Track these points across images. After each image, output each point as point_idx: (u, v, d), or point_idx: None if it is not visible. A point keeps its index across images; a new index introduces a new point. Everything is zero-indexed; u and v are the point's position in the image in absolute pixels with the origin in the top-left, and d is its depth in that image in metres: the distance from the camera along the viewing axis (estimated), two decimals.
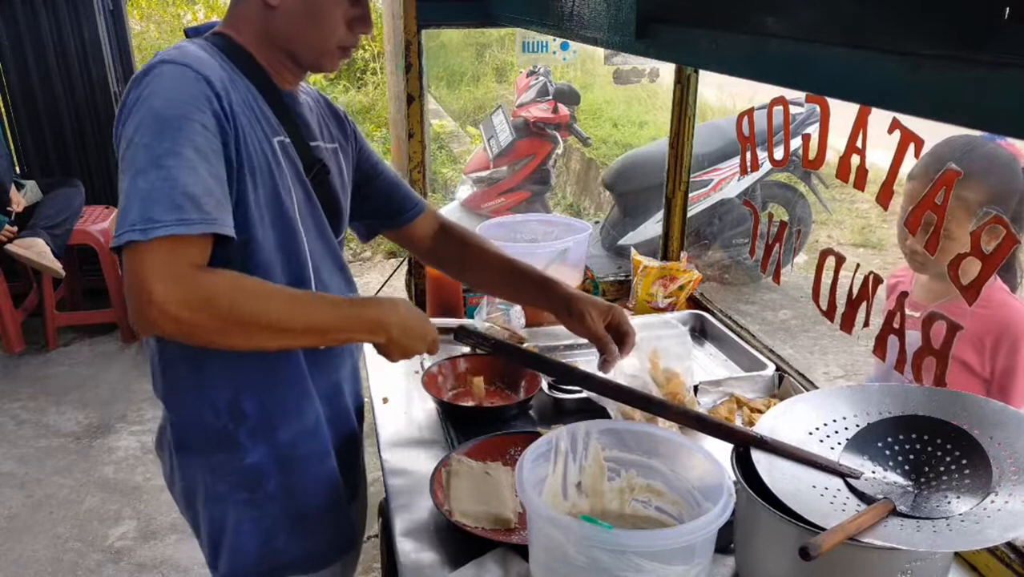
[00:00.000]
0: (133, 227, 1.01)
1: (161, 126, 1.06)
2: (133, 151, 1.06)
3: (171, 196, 1.03)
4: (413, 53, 1.83)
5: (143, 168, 1.04)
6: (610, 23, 1.11)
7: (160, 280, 1.02)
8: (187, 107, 1.08)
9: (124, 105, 1.11)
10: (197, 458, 1.31)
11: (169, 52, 1.15)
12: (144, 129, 1.07)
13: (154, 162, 1.04)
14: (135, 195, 1.03)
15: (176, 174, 1.04)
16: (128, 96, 1.11)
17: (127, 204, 1.03)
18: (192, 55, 1.14)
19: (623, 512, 1.17)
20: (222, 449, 1.29)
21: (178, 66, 1.11)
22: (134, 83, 1.12)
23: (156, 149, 1.05)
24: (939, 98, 0.59)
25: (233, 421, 1.27)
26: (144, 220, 1.02)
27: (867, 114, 1.10)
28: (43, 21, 4.34)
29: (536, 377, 1.62)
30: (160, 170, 1.04)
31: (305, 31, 1.22)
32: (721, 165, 4.61)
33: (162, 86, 1.09)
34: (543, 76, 5.42)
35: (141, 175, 1.04)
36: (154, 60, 1.13)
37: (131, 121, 1.08)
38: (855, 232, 5.83)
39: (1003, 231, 0.99)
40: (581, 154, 6.81)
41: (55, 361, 4.21)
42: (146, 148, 1.05)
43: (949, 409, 1.08)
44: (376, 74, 9.39)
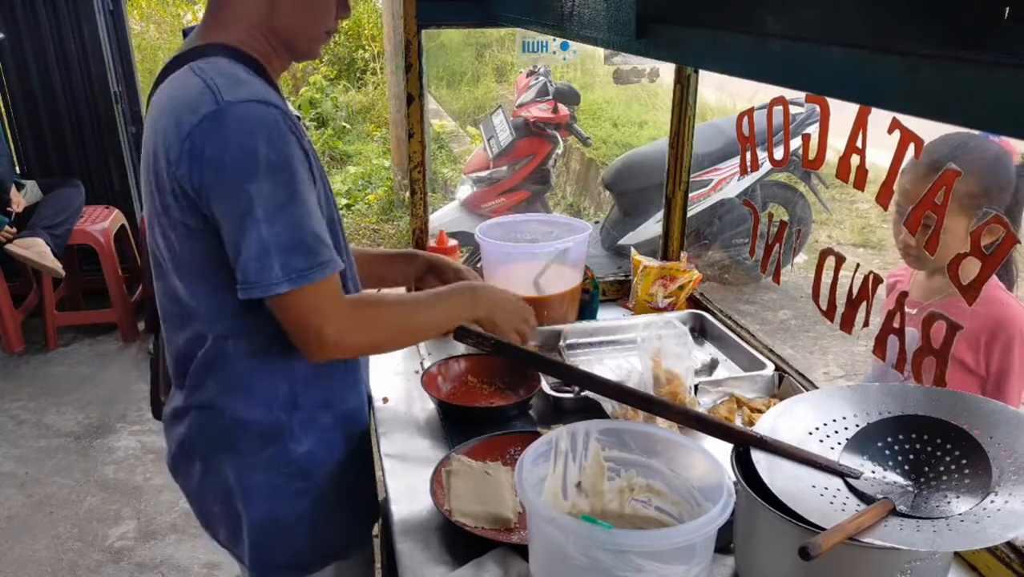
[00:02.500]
0: (280, 279, 1.12)
1: (273, 172, 1.11)
2: (248, 200, 1.10)
3: (305, 242, 1.14)
4: (413, 53, 1.83)
5: (268, 217, 1.11)
6: (610, 23, 1.11)
7: (327, 322, 1.17)
8: (287, 148, 1.13)
9: (202, 149, 1.11)
10: (246, 456, 1.32)
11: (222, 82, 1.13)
12: (256, 176, 1.10)
13: (278, 209, 1.11)
14: (270, 245, 1.11)
15: (301, 219, 1.14)
16: (207, 140, 1.10)
17: (262, 254, 1.11)
18: (249, 84, 1.16)
19: (623, 512, 1.17)
20: (274, 443, 1.32)
21: (257, 104, 1.13)
22: (212, 126, 1.10)
23: (277, 196, 1.11)
24: (939, 98, 0.59)
25: (286, 413, 1.31)
26: (288, 270, 1.12)
27: (867, 114, 1.10)
28: (43, 21, 4.34)
29: (536, 377, 1.61)
30: (286, 217, 1.12)
31: (305, 19, 1.26)
32: (721, 165, 4.61)
33: (255, 129, 1.11)
34: (543, 76, 5.42)
35: (267, 224, 1.11)
36: (221, 99, 1.11)
37: (232, 168, 1.10)
38: (855, 232, 5.83)
39: (1002, 231, 0.99)
40: (581, 154, 6.81)
41: (55, 361, 4.21)
42: (265, 196, 1.11)
43: (949, 409, 1.08)
44: (376, 74, 9.39)
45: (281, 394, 1.30)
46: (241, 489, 1.33)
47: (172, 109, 1.15)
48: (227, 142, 1.11)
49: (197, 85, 1.14)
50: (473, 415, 1.57)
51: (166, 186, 1.16)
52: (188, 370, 1.31)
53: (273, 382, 1.30)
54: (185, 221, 1.17)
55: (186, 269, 1.22)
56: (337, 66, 9.65)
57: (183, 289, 1.24)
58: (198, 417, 1.33)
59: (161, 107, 1.18)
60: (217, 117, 1.11)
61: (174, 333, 1.31)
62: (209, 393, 1.30)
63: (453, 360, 1.71)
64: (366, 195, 6.67)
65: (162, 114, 1.16)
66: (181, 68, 1.20)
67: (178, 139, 1.12)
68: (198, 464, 1.36)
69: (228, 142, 1.11)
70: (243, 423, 1.30)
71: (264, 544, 1.37)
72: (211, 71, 1.16)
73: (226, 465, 1.33)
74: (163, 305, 1.31)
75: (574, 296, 1.96)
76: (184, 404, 1.33)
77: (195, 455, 1.36)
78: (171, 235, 1.20)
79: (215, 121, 1.11)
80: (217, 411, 1.30)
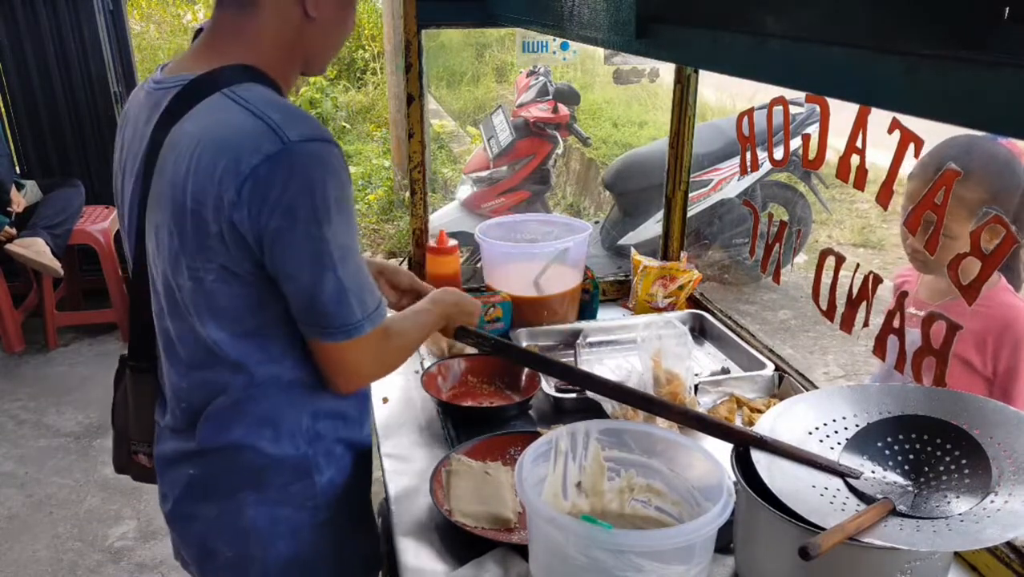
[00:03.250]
0: (361, 320, 1.14)
1: (341, 213, 1.10)
2: (323, 243, 1.08)
3: (368, 285, 1.16)
4: (413, 53, 1.83)
5: (342, 258, 1.11)
6: (610, 23, 1.11)
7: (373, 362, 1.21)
8: (348, 186, 1.12)
9: (267, 192, 1.05)
10: (272, 493, 1.26)
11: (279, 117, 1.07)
12: (329, 220, 1.08)
13: (348, 250, 1.12)
14: (347, 286, 1.12)
15: (361, 263, 1.16)
16: (273, 183, 1.05)
17: (340, 296, 1.11)
18: (305, 118, 1.11)
19: (623, 512, 1.17)
20: (302, 477, 1.27)
21: (321, 143, 1.08)
22: (277, 169, 1.04)
23: (346, 237, 1.11)
24: (939, 98, 0.59)
25: (311, 446, 1.27)
26: (364, 310, 1.14)
27: (867, 114, 1.10)
28: (43, 21, 4.34)
29: (536, 377, 1.61)
30: (352, 260, 1.13)
31: (333, 38, 1.24)
32: (721, 165, 4.61)
33: (323, 170, 1.07)
34: (543, 76, 5.42)
35: (341, 266, 1.11)
36: (285, 138, 1.05)
37: (304, 213, 1.06)
38: (855, 232, 5.83)
39: (1003, 231, 0.99)
40: (581, 154, 6.81)
41: (55, 361, 4.21)
42: (338, 238, 1.10)
43: (949, 409, 1.08)
44: (376, 74, 9.39)
45: (304, 427, 1.26)
46: (265, 528, 1.27)
47: (221, 145, 1.06)
48: (296, 186, 1.05)
49: (249, 120, 1.06)
50: (473, 415, 1.57)
51: (209, 228, 1.08)
52: (204, 412, 1.23)
53: (298, 416, 1.25)
54: (228, 264, 1.10)
55: (220, 313, 1.15)
56: (337, 66, 9.64)
57: (212, 333, 1.16)
58: (218, 457, 1.25)
59: (199, 139, 1.08)
60: (282, 159, 1.04)
61: (187, 375, 1.23)
62: (234, 433, 1.23)
63: (453, 360, 1.71)
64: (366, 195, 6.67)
65: (204, 150, 1.07)
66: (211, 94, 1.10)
67: (235, 180, 1.04)
68: (213, 506, 1.28)
69: (297, 186, 1.05)
70: (271, 459, 1.24)
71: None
72: (258, 102, 1.08)
73: (248, 504, 1.26)
74: (178, 347, 1.21)
75: (574, 296, 1.96)
76: (199, 446, 1.24)
77: (211, 496, 1.28)
78: (205, 277, 1.12)
79: (280, 163, 1.04)
80: (242, 449, 1.23)
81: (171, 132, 1.11)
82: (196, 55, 1.17)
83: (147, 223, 1.17)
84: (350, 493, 1.35)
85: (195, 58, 1.16)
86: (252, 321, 1.17)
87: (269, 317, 1.17)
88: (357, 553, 1.39)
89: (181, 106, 1.12)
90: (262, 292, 1.14)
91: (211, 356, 1.18)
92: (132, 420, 1.36)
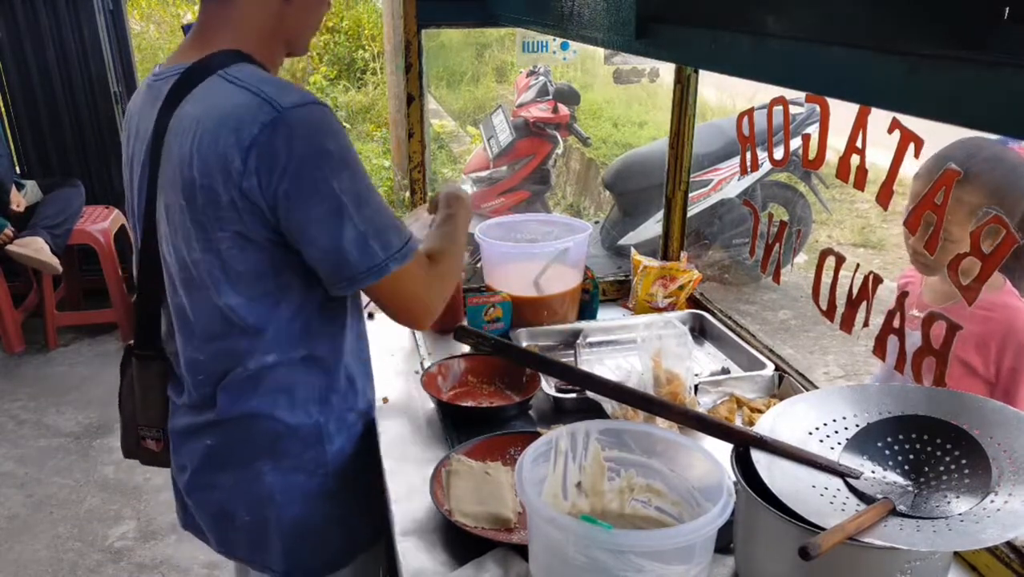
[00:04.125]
0: (386, 261, 1.18)
1: (347, 164, 1.15)
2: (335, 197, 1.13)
3: (392, 223, 1.20)
4: (413, 53, 1.83)
5: (357, 207, 1.15)
6: (610, 23, 1.11)
7: (429, 288, 1.26)
8: (347, 138, 1.17)
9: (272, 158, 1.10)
10: (287, 460, 1.33)
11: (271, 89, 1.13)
12: (335, 173, 1.14)
13: (361, 197, 1.16)
14: (366, 232, 1.16)
15: (381, 204, 1.20)
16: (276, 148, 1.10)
17: (362, 243, 1.16)
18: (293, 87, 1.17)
19: (623, 512, 1.17)
20: (314, 445, 1.35)
21: (312, 105, 1.14)
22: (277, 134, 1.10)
23: (357, 185, 1.16)
24: (939, 98, 0.59)
25: (323, 415, 1.35)
26: (389, 250, 1.18)
27: (867, 114, 1.10)
28: (43, 21, 4.34)
29: (536, 377, 1.61)
30: (368, 204, 1.17)
31: (312, 18, 1.32)
32: (721, 165, 4.61)
33: (319, 128, 1.14)
34: (543, 76, 5.42)
35: (358, 214, 1.15)
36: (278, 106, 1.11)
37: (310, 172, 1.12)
38: (855, 232, 5.83)
39: (1003, 231, 0.99)
40: (581, 154, 6.81)
41: (55, 361, 4.21)
42: (348, 189, 1.15)
43: (949, 409, 1.08)
44: (376, 74, 9.39)
45: (318, 395, 1.33)
46: (279, 493, 1.34)
47: (221, 121, 1.12)
48: (298, 148, 1.11)
49: (243, 95, 1.13)
50: (473, 415, 1.57)
51: (220, 199, 1.13)
52: (221, 383, 1.29)
53: (312, 385, 1.32)
54: (242, 231, 1.16)
55: (236, 278, 1.20)
56: (337, 66, 9.65)
57: (228, 299, 1.22)
58: (236, 426, 1.31)
59: (199, 118, 1.14)
60: (279, 125, 1.10)
61: (203, 348, 1.28)
62: (251, 403, 1.29)
63: (453, 360, 1.71)
64: None
65: (206, 127, 1.13)
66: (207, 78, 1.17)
67: (239, 151, 1.10)
68: (231, 474, 1.35)
69: (299, 148, 1.11)
70: (287, 428, 1.31)
71: (298, 547, 1.38)
72: (250, 79, 1.15)
73: (265, 471, 1.33)
74: (193, 321, 1.27)
75: (574, 296, 1.96)
76: (217, 416, 1.31)
77: (228, 465, 1.34)
78: (220, 246, 1.17)
79: (278, 130, 1.10)
80: (259, 418, 1.30)
81: (173, 117, 1.18)
82: (188, 47, 1.25)
83: (158, 207, 1.23)
84: (358, 462, 1.43)
85: (188, 50, 1.24)
86: (267, 285, 1.22)
87: (283, 282, 1.23)
88: (365, 521, 1.44)
89: (180, 92, 1.19)
90: (276, 257, 1.20)
91: (227, 324, 1.24)
92: (139, 407, 1.42)
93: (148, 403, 1.40)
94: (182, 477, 1.40)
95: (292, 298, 1.25)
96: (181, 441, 1.38)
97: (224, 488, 1.36)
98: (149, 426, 1.42)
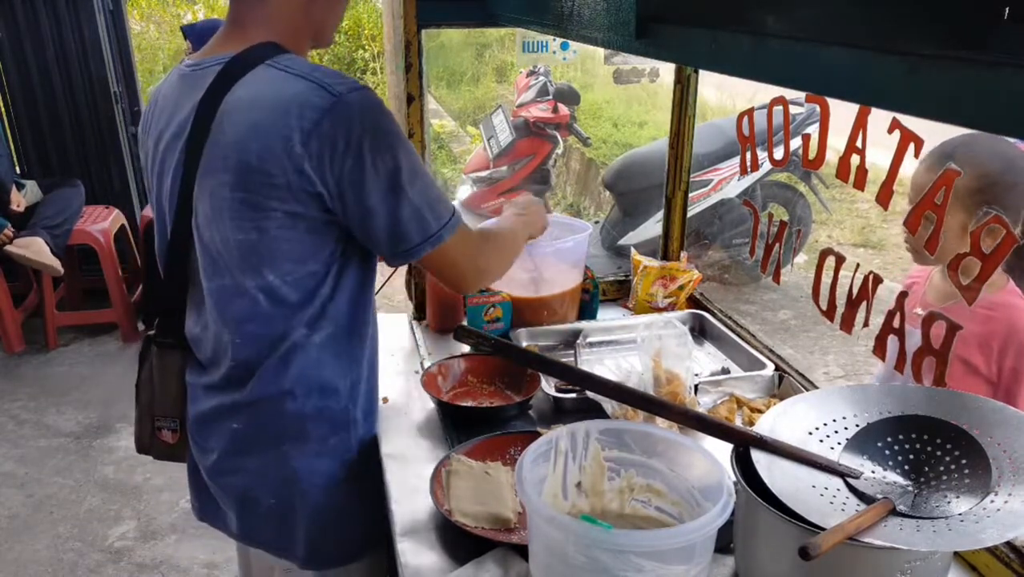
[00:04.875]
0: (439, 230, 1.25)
1: (400, 142, 1.21)
2: (394, 175, 1.20)
3: (439, 196, 1.27)
4: (413, 53, 1.83)
5: (411, 182, 1.22)
6: (610, 23, 1.11)
7: (479, 254, 1.37)
8: (394, 119, 1.23)
9: (333, 141, 1.16)
10: (314, 445, 1.36)
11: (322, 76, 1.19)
12: (393, 151, 1.20)
13: (415, 172, 1.23)
14: (420, 205, 1.23)
15: (430, 176, 1.28)
16: (336, 132, 1.16)
17: (417, 215, 1.23)
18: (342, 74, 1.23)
19: (623, 512, 1.17)
20: (341, 431, 1.38)
21: (363, 90, 1.20)
22: (336, 119, 1.16)
23: (410, 162, 1.22)
24: (939, 98, 0.59)
25: (352, 401, 1.39)
26: (440, 220, 1.26)
27: (867, 114, 1.10)
28: (43, 21, 4.34)
29: (536, 377, 1.61)
30: (420, 179, 1.24)
31: (337, 9, 1.36)
32: (721, 165, 4.62)
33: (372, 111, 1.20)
34: (543, 76, 5.42)
35: (412, 188, 1.22)
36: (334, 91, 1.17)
37: (371, 152, 1.18)
38: (855, 232, 5.83)
39: (1003, 231, 0.99)
40: (581, 154, 6.81)
41: (55, 361, 4.21)
42: (403, 166, 1.21)
43: (949, 409, 1.08)
44: (376, 74, 9.40)
45: (349, 382, 1.37)
46: (305, 478, 1.36)
47: (280, 107, 1.17)
48: (357, 130, 1.17)
49: (299, 82, 1.18)
50: (473, 415, 1.57)
51: (275, 180, 1.18)
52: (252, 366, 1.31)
53: (342, 371, 1.36)
54: (294, 211, 1.20)
55: (280, 257, 1.24)
56: (337, 66, 9.64)
57: (270, 279, 1.25)
58: (263, 410, 1.33)
59: (254, 103, 1.19)
60: (339, 110, 1.16)
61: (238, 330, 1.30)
62: (280, 386, 1.31)
63: (453, 360, 1.71)
64: None
65: (263, 113, 1.18)
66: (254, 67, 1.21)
67: (300, 135, 1.15)
68: (256, 458, 1.37)
69: (358, 130, 1.17)
70: (316, 410, 1.34)
71: (320, 534, 1.40)
72: (301, 67, 1.20)
73: (291, 456, 1.35)
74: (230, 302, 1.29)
75: (574, 296, 1.96)
76: (245, 399, 1.33)
77: (254, 449, 1.37)
78: (269, 226, 1.21)
79: (338, 115, 1.16)
80: (286, 401, 1.32)
81: (224, 101, 1.21)
82: (223, 41, 1.28)
83: (199, 189, 1.25)
84: (373, 448, 1.46)
85: (224, 43, 1.28)
86: (310, 265, 1.27)
87: (326, 262, 1.28)
88: (383, 506, 1.44)
89: (227, 80, 1.22)
90: (320, 236, 1.25)
91: (268, 304, 1.27)
92: (158, 396, 1.44)
93: (167, 392, 1.43)
94: (206, 460, 1.41)
95: (331, 279, 1.29)
96: (203, 425, 1.39)
97: (250, 472, 1.38)
98: (166, 416, 1.44)
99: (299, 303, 1.28)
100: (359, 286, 1.35)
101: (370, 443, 1.45)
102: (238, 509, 1.42)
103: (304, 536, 1.40)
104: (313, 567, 1.44)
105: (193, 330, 1.38)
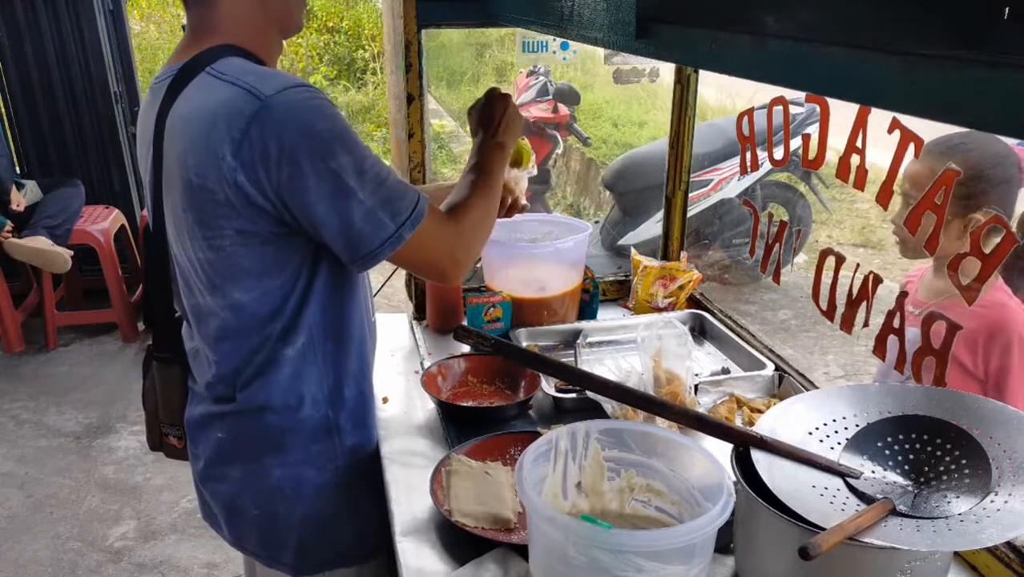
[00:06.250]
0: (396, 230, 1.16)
1: (341, 141, 1.12)
2: (335, 177, 1.11)
3: (396, 192, 1.17)
4: (413, 53, 1.83)
5: (358, 182, 1.13)
6: (610, 23, 1.11)
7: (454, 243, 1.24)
8: (337, 115, 1.14)
9: (265, 149, 1.09)
10: (295, 455, 1.34)
11: (252, 80, 1.12)
12: (331, 152, 1.11)
13: (361, 171, 1.13)
14: (373, 206, 1.14)
15: (384, 174, 1.16)
16: (266, 139, 1.09)
17: (370, 217, 1.14)
18: (275, 73, 1.17)
19: (623, 512, 1.17)
20: (323, 440, 1.35)
21: (294, 89, 1.12)
22: (264, 125, 1.09)
23: (355, 160, 1.13)
24: (938, 98, 0.58)
25: (333, 409, 1.35)
26: (399, 218, 1.16)
27: (867, 114, 1.10)
28: (43, 21, 4.34)
29: (536, 377, 1.61)
30: (370, 178, 1.14)
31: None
32: (721, 165, 4.61)
33: (305, 111, 1.11)
34: (543, 76, 5.42)
35: (360, 189, 1.13)
36: (261, 95, 1.09)
37: (305, 156, 1.10)
38: (855, 232, 5.83)
39: (1003, 231, 0.99)
40: (581, 154, 6.81)
41: (55, 361, 4.21)
42: (347, 166, 1.12)
43: (949, 409, 1.08)
44: (376, 74, 9.40)
45: (327, 391, 1.34)
46: (289, 488, 1.35)
47: (209, 119, 1.11)
48: (289, 134, 1.09)
49: (228, 89, 1.12)
50: (473, 415, 1.57)
51: (217, 197, 1.13)
52: (231, 379, 1.30)
53: (320, 380, 1.32)
54: (243, 227, 1.16)
55: (243, 274, 1.21)
56: (337, 66, 9.65)
57: (238, 297, 1.23)
58: (242, 421, 1.32)
59: (189, 117, 1.15)
60: (265, 115, 1.09)
61: (216, 346, 1.29)
62: (259, 397, 1.30)
63: (453, 360, 1.71)
64: None
65: (195, 126, 1.13)
66: (196, 76, 1.16)
67: (230, 146, 1.09)
68: (239, 468, 1.36)
69: (290, 134, 1.09)
70: (293, 422, 1.32)
71: (311, 542, 1.39)
72: (234, 72, 1.14)
73: (273, 466, 1.34)
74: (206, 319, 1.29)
75: (574, 296, 1.96)
76: (227, 410, 1.32)
77: (237, 460, 1.36)
78: (224, 244, 1.17)
79: (265, 120, 1.09)
80: (268, 411, 1.31)
81: (169, 116, 1.18)
82: (183, 48, 1.25)
83: (165, 208, 1.24)
84: (371, 455, 1.44)
85: (182, 51, 1.24)
86: (274, 280, 1.22)
87: (289, 275, 1.23)
88: (376, 510, 1.44)
89: (173, 93, 1.19)
90: (281, 250, 1.20)
91: (237, 323, 1.25)
92: (162, 405, 1.44)
93: (169, 403, 1.43)
94: (196, 466, 1.42)
95: (300, 289, 1.25)
96: (195, 431, 1.40)
97: (234, 480, 1.37)
98: (170, 424, 1.44)
99: (269, 316, 1.25)
100: (334, 292, 1.30)
101: (361, 449, 1.42)
102: (226, 516, 1.42)
103: (293, 545, 1.39)
104: (305, 574, 1.43)
105: (188, 343, 1.39)
